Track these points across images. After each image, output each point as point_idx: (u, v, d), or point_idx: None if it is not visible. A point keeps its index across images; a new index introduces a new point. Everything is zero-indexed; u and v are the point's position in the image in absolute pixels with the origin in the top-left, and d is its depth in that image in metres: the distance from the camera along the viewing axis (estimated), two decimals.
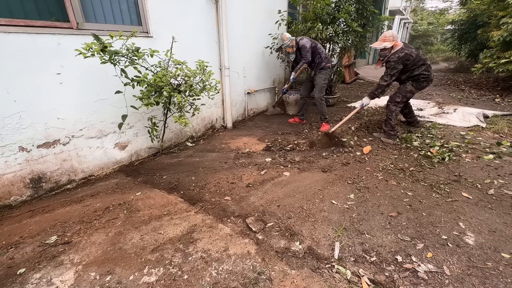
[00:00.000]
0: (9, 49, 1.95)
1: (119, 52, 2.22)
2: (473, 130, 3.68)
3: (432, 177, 2.47)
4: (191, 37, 3.34)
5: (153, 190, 2.37)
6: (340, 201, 2.13)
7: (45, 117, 2.22)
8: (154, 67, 2.64)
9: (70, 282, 1.43)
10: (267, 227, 1.84)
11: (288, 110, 5.03)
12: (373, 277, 1.43)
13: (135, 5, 2.74)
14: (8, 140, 2.06)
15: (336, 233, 1.77)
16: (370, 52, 14.25)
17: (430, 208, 2.02)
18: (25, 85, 2.07)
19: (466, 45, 11.29)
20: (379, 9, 7.10)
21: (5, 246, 1.71)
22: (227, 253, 1.61)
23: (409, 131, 3.74)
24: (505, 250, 1.59)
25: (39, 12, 2.18)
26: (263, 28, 4.68)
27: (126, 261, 1.56)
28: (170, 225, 1.88)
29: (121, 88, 2.46)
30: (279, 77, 5.54)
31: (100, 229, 1.85)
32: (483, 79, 7.83)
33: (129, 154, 2.95)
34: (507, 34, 5.32)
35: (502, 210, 1.98)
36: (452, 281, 1.40)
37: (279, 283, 1.40)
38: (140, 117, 2.94)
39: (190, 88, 2.74)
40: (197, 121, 3.75)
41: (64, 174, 2.45)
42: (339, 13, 4.40)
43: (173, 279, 1.44)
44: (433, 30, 22.92)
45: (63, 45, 2.21)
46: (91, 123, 2.54)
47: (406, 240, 1.70)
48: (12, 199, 2.18)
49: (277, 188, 2.35)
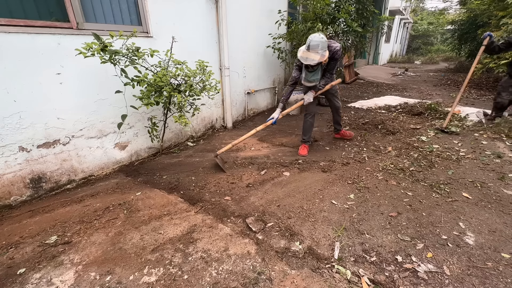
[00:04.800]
0: (9, 49, 1.95)
1: (119, 51, 2.22)
2: (474, 129, 3.68)
3: (432, 177, 2.47)
4: (191, 37, 3.34)
5: (153, 190, 2.37)
6: (340, 201, 2.13)
7: (45, 117, 2.22)
8: (154, 67, 2.64)
9: (70, 282, 1.43)
10: (267, 227, 1.84)
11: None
12: (373, 277, 1.43)
13: (135, 5, 2.74)
14: (8, 140, 2.06)
15: (336, 233, 1.77)
16: (370, 52, 14.24)
17: (430, 208, 2.02)
18: (25, 85, 2.07)
19: (466, 45, 11.29)
20: (379, 9, 7.11)
21: (5, 246, 1.71)
22: (227, 253, 1.61)
23: None
24: (505, 250, 1.59)
25: (39, 12, 2.17)
26: (263, 28, 4.68)
27: (126, 261, 1.56)
28: (170, 225, 1.88)
29: (121, 88, 2.46)
30: (279, 77, 5.55)
31: (100, 229, 1.85)
32: (483, 79, 7.83)
33: (129, 154, 2.95)
34: (507, 34, 5.32)
35: (502, 210, 1.98)
36: (452, 281, 1.40)
37: (279, 283, 1.40)
38: (140, 117, 2.94)
39: (190, 88, 2.73)
40: (197, 121, 3.75)
41: (64, 174, 2.45)
42: (339, 13, 4.41)
43: (173, 279, 1.44)
44: (433, 30, 22.93)
45: (63, 45, 2.21)
46: (91, 123, 2.53)
47: (406, 240, 1.70)
48: (12, 199, 2.18)
49: (277, 188, 2.35)
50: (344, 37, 4.65)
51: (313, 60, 2.54)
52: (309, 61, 2.56)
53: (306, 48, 2.57)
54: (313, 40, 2.52)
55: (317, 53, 2.53)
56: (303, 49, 2.62)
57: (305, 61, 2.58)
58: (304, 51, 2.59)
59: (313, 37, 2.55)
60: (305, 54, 2.58)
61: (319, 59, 2.53)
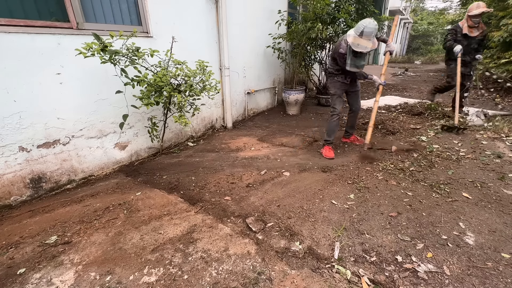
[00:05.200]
0: (9, 49, 1.95)
1: (119, 51, 2.22)
2: (475, 130, 3.68)
3: (432, 177, 2.47)
4: (191, 37, 3.34)
5: (153, 190, 2.37)
6: (340, 201, 2.13)
7: (45, 117, 2.22)
8: (154, 67, 2.64)
9: (70, 282, 1.43)
10: (267, 227, 1.84)
11: (288, 110, 5.03)
12: (373, 277, 1.43)
13: (135, 5, 2.74)
14: (8, 140, 2.06)
15: (336, 233, 1.77)
16: (369, 52, 14.23)
17: (430, 208, 2.02)
18: (25, 85, 2.07)
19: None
20: (379, 9, 7.11)
21: (5, 246, 1.71)
22: (227, 253, 1.61)
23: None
24: (505, 250, 1.59)
25: (39, 12, 2.17)
26: (263, 28, 4.68)
27: (126, 261, 1.56)
28: (170, 225, 1.88)
29: (121, 88, 2.46)
30: (279, 77, 5.55)
31: (100, 229, 1.85)
32: (483, 79, 7.82)
33: (129, 154, 2.95)
34: (507, 34, 5.33)
35: (502, 210, 1.98)
36: (452, 281, 1.40)
37: (279, 283, 1.40)
38: (140, 117, 2.94)
39: (190, 88, 2.73)
40: (197, 121, 3.75)
41: (64, 174, 2.45)
42: (339, 13, 4.41)
43: (173, 279, 1.44)
44: (433, 30, 22.92)
45: (63, 45, 2.21)
46: (91, 123, 2.53)
47: (406, 240, 1.70)
48: (12, 199, 2.18)
49: (277, 188, 2.35)
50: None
51: (366, 48, 2.42)
52: (361, 48, 2.41)
53: (358, 34, 2.42)
54: (367, 27, 2.37)
55: (369, 41, 2.41)
56: (353, 34, 2.47)
57: (357, 47, 2.43)
58: (355, 37, 2.44)
59: (368, 23, 2.39)
60: (357, 40, 2.43)
61: (371, 46, 2.43)
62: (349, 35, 2.54)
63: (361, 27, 2.42)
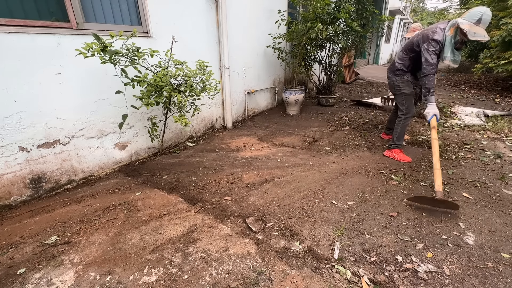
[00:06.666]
0: (9, 49, 1.95)
1: (119, 52, 2.22)
2: (475, 129, 3.68)
3: (432, 177, 2.46)
4: (191, 37, 3.34)
5: (153, 190, 2.37)
6: (340, 201, 2.13)
7: (45, 117, 2.22)
8: (154, 67, 2.64)
9: (70, 282, 1.43)
10: (267, 227, 1.84)
11: (288, 110, 5.02)
12: (373, 277, 1.43)
13: (135, 5, 2.74)
14: (8, 140, 2.06)
15: (336, 233, 1.77)
16: (370, 52, 14.24)
17: (430, 208, 2.02)
18: (25, 85, 2.07)
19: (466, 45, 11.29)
20: (379, 9, 7.11)
21: (5, 246, 1.71)
22: (227, 253, 1.61)
23: None
24: (505, 250, 1.59)
25: (39, 12, 2.17)
26: (263, 28, 4.68)
27: (126, 261, 1.56)
28: (170, 225, 1.88)
29: (121, 88, 2.46)
30: (279, 77, 5.55)
31: (100, 229, 1.85)
32: (483, 79, 7.83)
33: (129, 154, 2.95)
34: (507, 34, 5.32)
35: (502, 210, 1.98)
36: (452, 281, 1.40)
37: (279, 283, 1.40)
38: (140, 117, 2.94)
39: (190, 88, 2.73)
40: (197, 121, 3.75)
41: (64, 174, 2.45)
42: (339, 13, 4.40)
43: (173, 279, 1.44)
44: None
45: (63, 45, 2.21)
46: (91, 123, 2.53)
47: (406, 240, 1.70)
48: (12, 199, 2.18)
49: (277, 188, 2.35)
50: (344, 37, 4.64)
51: (484, 37, 2.14)
52: (478, 36, 2.14)
53: (475, 21, 2.16)
54: (485, 13, 2.11)
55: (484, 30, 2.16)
56: (467, 22, 2.19)
57: (473, 36, 2.15)
58: (472, 25, 2.17)
59: (485, 10, 2.13)
60: (474, 29, 2.15)
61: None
62: (462, 22, 2.22)
63: (478, 14, 2.14)
